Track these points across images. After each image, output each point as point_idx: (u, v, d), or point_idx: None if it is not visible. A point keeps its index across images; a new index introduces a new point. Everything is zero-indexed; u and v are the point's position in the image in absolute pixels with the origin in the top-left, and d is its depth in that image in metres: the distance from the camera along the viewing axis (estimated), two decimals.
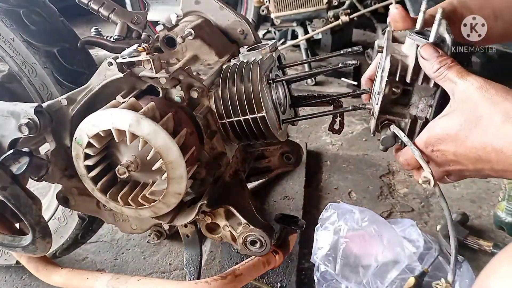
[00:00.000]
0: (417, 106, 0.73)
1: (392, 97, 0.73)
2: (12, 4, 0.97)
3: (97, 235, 1.44)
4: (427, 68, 0.66)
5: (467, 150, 0.60)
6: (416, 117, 0.72)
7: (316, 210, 1.59)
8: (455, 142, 0.61)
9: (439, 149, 0.64)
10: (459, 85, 0.62)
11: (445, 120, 0.63)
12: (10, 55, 0.99)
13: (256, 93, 0.81)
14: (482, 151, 0.59)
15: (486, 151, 0.58)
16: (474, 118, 0.59)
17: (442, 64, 0.64)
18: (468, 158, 0.61)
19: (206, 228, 0.93)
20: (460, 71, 0.62)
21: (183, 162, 0.76)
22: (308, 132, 2.21)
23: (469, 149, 0.60)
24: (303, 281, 1.29)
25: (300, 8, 2.73)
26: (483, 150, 0.59)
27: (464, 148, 0.61)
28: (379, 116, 0.74)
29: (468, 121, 0.59)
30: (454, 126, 0.61)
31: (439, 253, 1.25)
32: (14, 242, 0.93)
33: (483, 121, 0.58)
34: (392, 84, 0.71)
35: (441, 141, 0.63)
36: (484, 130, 0.58)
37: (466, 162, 0.62)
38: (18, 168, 0.80)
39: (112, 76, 0.81)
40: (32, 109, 0.81)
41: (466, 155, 0.61)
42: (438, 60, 0.64)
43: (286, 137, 0.91)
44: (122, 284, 0.95)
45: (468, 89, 0.60)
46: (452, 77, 0.63)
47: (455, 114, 0.62)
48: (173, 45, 0.95)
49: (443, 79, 0.64)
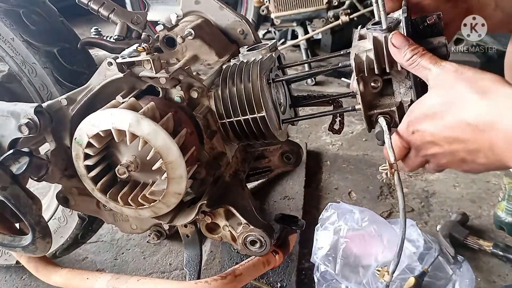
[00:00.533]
0: (399, 92, 0.73)
1: (374, 91, 0.74)
2: (12, 4, 0.97)
3: (97, 235, 1.44)
4: (398, 57, 0.67)
5: (444, 129, 0.61)
6: (401, 102, 0.73)
7: (316, 210, 1.59)
8: (433, 121, 0.62)
9: (418, 129, 0.65)
10: (434, 71, 0.63)
11: (422, 102, 0.64)
12: (10, 55, 0.99)
13: (256, 93, 0.81)
14: (458, 129, 0.59)
15: (462, 128, 0.59)
16: (451, 98, 0.60)
17: (414, 52, 0.65)
18: (444, 138, 0.62)
19: (206, 228, 0.93)
20: (433, 57, 0.64)
21: (183, 162, 0.76)
22: (308, 132, 2.21)
23: (446, 127, 0.61)
24: (303, 281, 1.29)
25: (300, 8, 2.73)
26: (459, 128, 0.59)
27: (441, 127, 0.62)
28: (367, 113, 0.75)
29: (445, 101, 0.60)
30: (431, 107, 0.62)
31: (439, 253, 1.25)
32: (14, 242, 0.93)
33: (459, 99, 0.59)
34: (366, 80, 0.72)
35: (419, 121, 0.64)
36: (461, 108, 0.59)
37: (443, 143, 0.63)
38: (18, 168, 0.80)
39: (112, 76, 0.81)
40: (32, 109, 0.81)
41: (443, 135, 0.62)
42: (410, 48, 0.65)
43: (286, 137, 0.91)
44: (122, 284, 0.95)
45: (444, 73, 0.61)
46: (426, 64, 0.64)
47: (432, 96, 0.63)
48: (173, 45, 0.95)
49: (416, 67, 0.65)
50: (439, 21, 0.70)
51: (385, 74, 0.72)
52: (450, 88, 0.60)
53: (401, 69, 0.70)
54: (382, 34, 0.69)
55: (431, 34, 0.71)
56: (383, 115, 0.74)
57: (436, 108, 0.62)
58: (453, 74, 0.60)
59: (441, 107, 0.61)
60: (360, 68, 0.72)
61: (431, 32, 0.71)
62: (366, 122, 0.76)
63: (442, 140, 0.63)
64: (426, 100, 0.64)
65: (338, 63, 0.84)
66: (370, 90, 0.74)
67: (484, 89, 0.57)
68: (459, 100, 0.59)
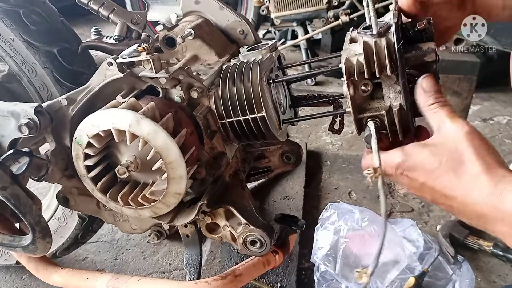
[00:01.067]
0: (389, 96, 0.73)
1: (364, 95, 0.74)
2: (12, 4, 0.97)
3: (97, 235, 1.44)
4: (420, 99, 0.68)
5: (435, 186, 0.62)
6: (390, 107, 0.73)
7: (316, 210, 1.59)
8: (428, 176, 0.63)
9: (408, 175, 0.66)
10: (448, 124, 0.63)
11: (426, 152, 0.64)
12: (10, 55, 0.99)
13: (256, 93, 0.81)
14: (450, 191, 0.61)
15: (452, 195, 0.61)
16: (456, 162, 0.60)
17: (437, 101, 0.66)
18: (432, 192, 0.64)
19: (206, 228, 0.93)
20: (451, 111, 0.65)
21: (183, 162, 0.76)
22: (308, 132, 2.21)
23: (438, 187, 0.62)
24: (303, 281, 1.29)
25: (300, 8, 2.73)
26: (450, 193, 0.61)
27: (433, 184, 0.62)
28: (356, 116, 0.75)
29: (449, 162, 0.61)
30: (433, 163, 0.62)
31: (439, 253, 1.25)
32: (14, 242, 0.93)
33: (463, 166, 0.60)
34: (356, 84, 0.72)
35: (414, 170, 0.65)
36: (461, 175, 0.60)
37: (428, 195, 0.65)
38: (18, 168, 0.80)
39: (112, 76, 0.81)
40: (32, 109, 0.81)
41: (433, 190, 0.63)
42: (435, 96, 0.66)
43: (286, 137, 0.91)
44: (122, 284, 0.95)
45: (457, 131, 0.62)
46: (442, 116, 0.65)
47: (438, 151, 0.63)
48: (173, 45, 0.95)
49: (433, 114, 0.66)
50: (429, 27, 0.70)
51: (375, 78, 0.72)
52: (458, 151, 0.61)
53: (391, 74, 0.70)
54: (372, 39, 0.69)
55: (421, 39, 0.71)
56: (373, 118, 0.74)
57: (438, 165, 0.62)
58: (465, 137, 0.61)
59: (443, 166, 0.61)
60: (350, 72, 0.72)
61: (421, 37, 0.72)
62: (356, 125, 0.77)
63: (429, 193, 0.65)
64: (431, 153, 0.63)
65: (338, 63, 0.84)
66: (360, 94, 0.74)
67: (487, 164, 0.58)
68: (462, 168, 0.60)
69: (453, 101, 1.92)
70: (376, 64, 0.69)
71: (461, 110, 1.94)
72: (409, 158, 0.65)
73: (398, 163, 0.66)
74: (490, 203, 0.57)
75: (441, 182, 0.61)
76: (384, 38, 0.68)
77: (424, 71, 0.70)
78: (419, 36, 0.71)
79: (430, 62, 0.69)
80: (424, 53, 0.69)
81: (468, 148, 0.60)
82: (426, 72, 0.70)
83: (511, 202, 0.55)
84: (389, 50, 0.68)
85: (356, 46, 0.72)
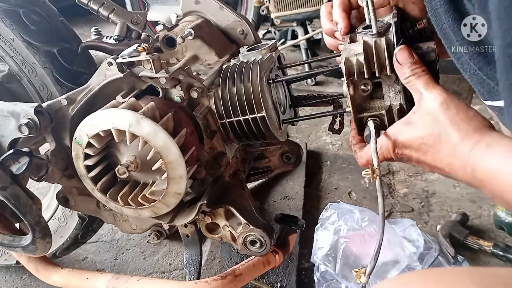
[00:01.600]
0: (389, 96, 0.74)
1: (364, 95, 0.74)
2: (12, 4, 0.97)
3: (97, 235, 1.44)
4: (399, 73, 0.69)
5: (427, 160, 0.67)
6: (390, 106, 0.73)
7: (316, 210, 1.59)
8: (417, 153, 0.67)
9: (403, 153, 0.70)
10: (424, 96, 0.65)
11: (409, 130, 0.67)
12: (10, 55, 0.99)
13: (256, 93, 0.81)
14: (439, 164, 0.65)
15: (442, 164, 0.65)
16: (435, 134, 0.64)
17: (412, 73, 0.67)
18: (427, 166, 0.69)
19: (206, 228, 0.93)
20: (427, 81, 0.66)
21: (183, 162, 0.76)
22: (308, 132, 2.21)
23: (429, 160, 0.66)
24: (303, 281, 1.29)
25: (300, 8, 2.73)
26: (439, 163, 0.65)
27: (424, 158, 0.67)
28: (356, 116, 0.75)
29: (429, 136, 0.64)
30: (417, 139, 0.66)
31: (439, 253, 1.25)
32: (14, 242, 0.93)
33: (441, 138, 0.63)
34: (356, 83, 0.72)
35: (405, 147, 0.69)
36: (441, 147, 0.63)
37: (427, 167, 0.69)
38: (18, 168, 0.80)
39: (112, 76, 0.81)
40: (32, 109, 0.81)
41: (426, 163, 0.68)
42: (411, 68, 0.67)
43: (286, 137, 0.91)
44: (122, 284, 0.95)
45: (431, 103, 0.64)
46: (419, 87, 0.66)
47: (418, 126, 0.66)
48: (173, 45, 0.95)
49: (411, 87, 0.68)
50: (429, 26, 0.71)
51: (375, 77, 0.72)
52: (434, 123, 0.64)
53: (391, 74, 0.70)
54: (372, 38, 0.69)
55: (420, 39, 0.72)
56: (373, 118, 0.74)
57: (421, 141, 0.66)
58: (438, 108, 0.63)
59: (425, 141, 0.65)
60: (350, 72, 0.72)
61: (421, 37, 0.72)
62: (356, 125, 0.77)
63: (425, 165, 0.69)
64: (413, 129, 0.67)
65: (338, 63, 0.85)
66: (360, 94, 0.74)
67: (461, 132, 0.62)
68: (441, 139, 0.63)
69: None
70: (376, 64, 0.69)
71: None
72: (397, 137, 0.69)
73: (392, 146, 0.69)
74: (467, 173, 0.60)
75: (430, 156, 0.65)
76: (384, 37, 0.69)
77: None
78: (419, 36, 0.72)
79: (430, 61, 0.69)
80: (423, 52, 0.69)
81: (444, 119, 0.62)
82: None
83: (481, 170, 0.58)
84: (388, 50, 0.68)
85: (356, 45, 0.72)
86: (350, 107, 0.75)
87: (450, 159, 0.62)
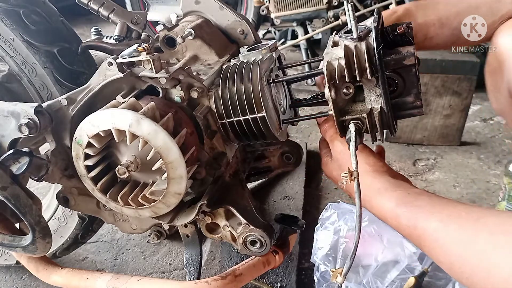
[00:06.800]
0: (370, 99, 0.74)
1: (346, 98, 0.75)
2: (12, 4, 0.97)
3: (97, 235, 1.44)
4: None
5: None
6: (371, 109, 0.74)
7: (316, 210, 1.59)
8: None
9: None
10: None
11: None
12: (10, 55, 0.99)
13: (256, 93, 0.81)
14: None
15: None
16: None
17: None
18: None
19: (206, 228, 0.93)
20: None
21: (183, 162, 0.76)
22: (308, 132, 2.21)
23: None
24: (303, 281, 1.29)
25: (300, 8, 2.73)
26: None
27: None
28: (339, 119, 0.76)
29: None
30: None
31: None
32: (14, 242, 0.93)
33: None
34: (337, 87, 0.73)
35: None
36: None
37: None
38: (18, 168, 0.80)
39: (112, 76, 0.81)
40: (32, 109, 0.81)
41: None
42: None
43: (286, 137, 0.91)
44: (122, 284, 0.95)
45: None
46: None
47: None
48: (173, 45, 0.95)
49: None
50: (409, 31, 0.72)
51: (357, 81, 0.73)
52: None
53: (371, 77, 0.71)
54: (353, 43, 0.70)
55: (401, 43, 0.73)
56: (355, 121, 0.75)
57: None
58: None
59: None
60: (332, 75, 0.73)
61: (402, 41, 0.73)
62: (338, 128, 0.78)
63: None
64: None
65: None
66: (342, 97, 0.75)
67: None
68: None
69: (453, 101, 1.93)
70: (356, 68, 0.70)
71: (461, 110, 1.94)
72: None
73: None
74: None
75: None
76: (364, 42, 0.70)
77: (404, 74, 0.73)
78: (399, 40, 0.73)
79: (410, 66, 0.71)
80: (403, 56, 0.71)
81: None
82: (406, 74, 0.73)
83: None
84: (369, 54, 0.69)
85: (338, 49, 0.73)
86: (332, 110, 0.75)
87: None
